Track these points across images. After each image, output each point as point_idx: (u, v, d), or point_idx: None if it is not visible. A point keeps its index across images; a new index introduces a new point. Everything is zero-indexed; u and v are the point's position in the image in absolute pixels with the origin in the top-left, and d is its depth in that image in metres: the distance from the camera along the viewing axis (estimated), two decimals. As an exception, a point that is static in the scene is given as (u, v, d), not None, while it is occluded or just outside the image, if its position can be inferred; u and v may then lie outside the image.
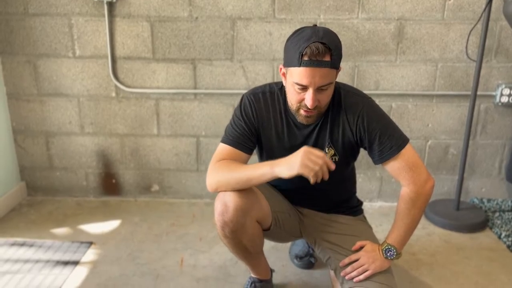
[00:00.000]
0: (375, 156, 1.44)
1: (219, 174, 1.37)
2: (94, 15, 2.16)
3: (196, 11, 2.14)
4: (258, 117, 1.48)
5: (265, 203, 1.49)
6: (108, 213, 2.30)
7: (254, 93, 1.50)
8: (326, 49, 1.25)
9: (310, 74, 1.27)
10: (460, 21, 2.14)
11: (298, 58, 1.26)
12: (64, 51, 2.22)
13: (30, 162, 2.41)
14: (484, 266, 1.89)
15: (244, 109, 1.48)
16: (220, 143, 1.47)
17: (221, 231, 1.43)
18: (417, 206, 1.43)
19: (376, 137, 1.41)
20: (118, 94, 2.28)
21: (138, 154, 2.39)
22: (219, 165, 1.40)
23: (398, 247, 1.47)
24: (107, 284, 1.73)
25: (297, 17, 2.14)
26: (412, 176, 1.41)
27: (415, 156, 1.43)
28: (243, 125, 1.47)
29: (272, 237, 1.62)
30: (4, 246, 1.98)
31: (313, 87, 1.29)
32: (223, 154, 1.44)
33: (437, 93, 2.25)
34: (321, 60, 1.26)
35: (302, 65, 1.26)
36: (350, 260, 1.47)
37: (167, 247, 2.00)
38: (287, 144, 1.50)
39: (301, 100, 1.34)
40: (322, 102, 1.35)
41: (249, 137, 1.47)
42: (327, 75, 1.28)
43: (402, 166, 1.42)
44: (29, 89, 2.28)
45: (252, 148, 1.49)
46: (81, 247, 1.99)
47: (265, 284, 1.66)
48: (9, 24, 2.18)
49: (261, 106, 1.48)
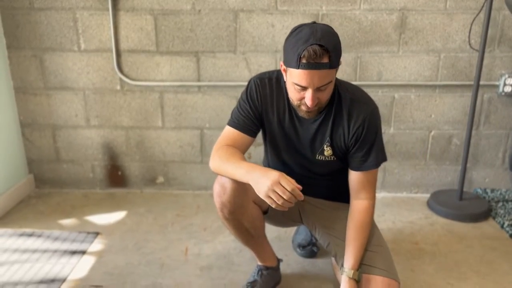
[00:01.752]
0: (354, 163, 1.49)
1: (217, 162, 1.41)
2: (98, 9, 2.18)
3: (199, 3, 2.16)
4: (262, 102, 1.50)
5: None
6: (114, 205, 2.34)
7: (261, 78, 1.52)
8: (324, 51, 1.25)
9: (308, 76, 1.28)
10: (462, 11, 2.14)
11: (297, 61, 1.27)
12: (70, 45, 2.25)
13: (37, 155, 2.46)
14: (486, 255, 1.90)
15: (250, 92, 1.50)
16: (226, 125, 1.51)
17: (220, 213, 1.48)
18: (371, 222, 1.52)
19: (365, 149, 1.46)
20: (122, 87, 2.31)
21: (143, 146, 2.42)
22: (220, 152, 1.43)
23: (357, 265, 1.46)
24: (113, 273, 1.77)
25: (299, 8, 2.15)
26: (373, 192, 1.53)
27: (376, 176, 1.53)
28: (248, 109, 1.49)
29: (272, 221, 1.66)
30: (13, 236, 2.03)
31: (312, 88, 1.31)
32: (228, 136, 1.49)
33: (440, 84, 2.25)
34: (319, 63, 1.26)
35: (300, 68, 1.27)
36: None
37: (172, 237, 2.04)
38: (287, 133, 1.52)
39: (301, 99, 1.35)
40: (322, 99, 1.36)
41: (253, 121, 1.50)
42: (325, 76, 1.30)
43: (370, 179, 1.51)
44: (36, 83, 2.32)
45: (256, 131, 1.52)
46: (88, 237, 2.02)
47: (272, 272, 1.68)
48: (15, 19, 2.22)
49: (266, 91, 1.50)
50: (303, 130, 1.51)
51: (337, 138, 1.48)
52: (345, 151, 1.51)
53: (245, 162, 1.35)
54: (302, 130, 1.51)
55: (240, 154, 1.43)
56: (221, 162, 1.40)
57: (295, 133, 1.52)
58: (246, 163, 1.35)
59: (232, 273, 1.77)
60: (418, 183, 2.44)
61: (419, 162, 2.40)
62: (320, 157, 1.53)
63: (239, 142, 1.47)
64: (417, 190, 2.45)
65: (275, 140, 1.56)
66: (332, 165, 1.55)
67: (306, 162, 1.57)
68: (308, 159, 1.55)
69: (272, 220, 1.66)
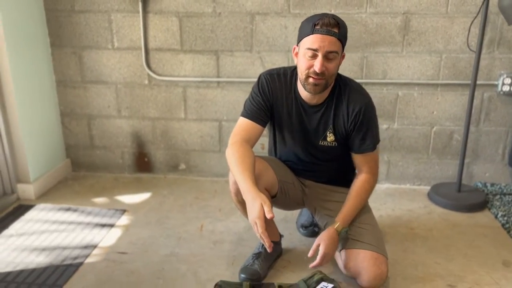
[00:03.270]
0: (355, 146, 1.71)
1: (229, 160, 1.59)
2: (130, 11, 2.45)
3: (219, 7, 2.39)
4: (272, 95, 1.71)
5: (272, 173, 1.73)
6: (140, 187, 2.61)
7: (270, 73, 1.73)
8: (335, 22, 1.50)
9: (320, 39, 1.50)
10: (463, 15, 2.29)
11: (312, 27, 1.51)
12: (105, 44, 2.53)
13: (74, 141, 2.75)
14: (476, 240, 2.05)
15: (261, 86, 1.71)
16: (240, 116, 1.72)
17: (234, 197, 1.69)
18: (370, 191, 1.75)
19: (361, 132, 1.67)
20: (150, 81, 2.57)
21: (168, 136, 2.68)
22: (233, 149, 1.59)
23: (347, 224, 1.69)
24: (137, 243, 2.02)
25: (310, 11, 2.35)
26: (373, 168, 1.75)
27: (378, 155, 1.80)
28: (260, 100, 1.70)
29: (278, 204, 1.86)
30: (52, 210, 2.32)
31: (322, 52, 1.50)
32: (242, 126, 1.70)
33: (441, 82, 2.41)
34: (331, 30, 1.50)
35: (314, 32, 1.50)
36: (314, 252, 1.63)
37: (190, 215, 2.28)
38: (295, 122, 1.73)
39: (310, 67, 1.54)
40: (328, 71, 1.54)
41: (264, 111, 1.70)
42: (334, 43, 1.51)
43: (370, 160, 1.73)
44: (75, 77, 2.61)
45: (266, 121, 1.73)
46: (116, 213, 2.29)
47: (275, 246, 1.88)
48: (58, 20, 2.51)
49: (275, 85, 1.71)
50: (308, 119, 1.71)
51: (339, 125, 1.68)
52: (345, 136, 1.70)
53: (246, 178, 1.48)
54: (307, 119, 1.71)
55: (248, 158, 1.56)
56: (231, 161, 1.57)
57: (301, 121, 1.72)
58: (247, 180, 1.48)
59: (241, 247, 1.99)
60: (421, 176, 2.59)
61: (422, 156, 2.55)
62: (323, 143, 1.73)
63: (251, 131, 1.68)
64: (419, 182, 2.61)
65: (282, 130, 1.78)
66: (334, 151, 1.75)
67: (311, 148, 1.77)
68: (312, 145, 1.76)
69: (279, 203, 1.86)
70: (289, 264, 1.88)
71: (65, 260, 1.88)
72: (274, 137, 1.86)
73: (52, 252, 1.95)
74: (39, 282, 1.74)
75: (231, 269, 1.83)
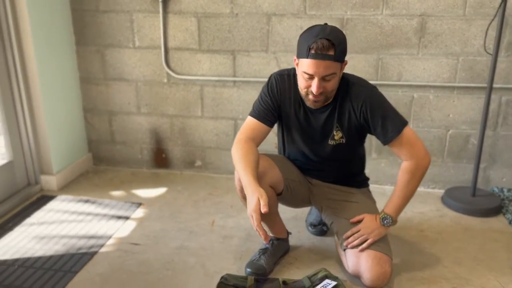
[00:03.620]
0: (380, 138, 1.68)
1: (234, 156, 1.64)
2: (151, 11, 2.53)
3: (236, 8, 2.45)
4: (281, 96, 1.74)
5: (277, 171, 1.77)
6: (157, 182, 2.69)
7: (280, 74, 1.76)
8: (331, 44, 1.50)
9: (315, 65, 1.52)
10: (481, 17, 2.26)
11: (307, 51, 1.52)
12: (126, 42, 2.62)
13: (96, 137, 2.86)
14: (487, 245, 2.03)
15: (270, 87, 1.75)
16: (248, 115, 1.76)
17: (239, 193, 1.74)
18: (416, 177, 1.66)
19: (379, 122, 1.64)
20: (169, 80, 2.65)
21: (185, 133, 2.75)
22: (238, 146, 1.65)
23: (393, 215, 1.69)
24: (150, 235, 2.10)
25: (326, 13, 2.38)
26: (411, 152, 1.65)
27: (413, 135, 1.67)
28: (268, 101, 1.74)
29: (285, 201, 1.89)
30: (72, 201, 2.42)
31: (318, 76, 1.54)
32: (249, 125, 1.74)
33: (458, 85, 2.39)
34: (325, 54, 1.50)
35: (309, 57, 1.51)
36: (352, 233, 1.71)
37: (202, 211, 2.34)
38: (302, 124, 1.76)
39: (309, 87, 1.59)
40: (327, 89, 1.58)
41: (272, 112, 1.74)
42: (330, 67, 1.52)
43: (403, 145, 1.65)
44: (98, 74, 2.71)
45: (273, 121, 1.76)
46: (132, 206, 2.37)
47: (282, 242, 1.92)
48: (83, 20, 2.62)
49: (285, 86, 1.74)
50: (315, 120, 1.74)
51: (345, 121, 1.69)
52: (357, 131, 1.70)
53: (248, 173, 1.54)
54: (314, 120, 1.74)
55: (252, 155, 1.61)
56: (235, 157, 1.63)
57: (308, 122, 1.75)
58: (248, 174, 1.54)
59: (249, 243, 2.03)
60: (436, 179, 2.57)
61: (437, 159, 2.54)
62: (331, 142, 1.75)
63: (257, 131, 1.72)
64: (434, 185, 2.59)
65: (291, 130, 1.81)
66: (342, 148, 1.76)
67: (319, 148, 1.79)
68: (320, 145, 1.78)
69: (285, 201, 1.89)
70: (295, 261, 1.91)
71: (81, 249, 1.97)
72: (282, 137, 1.89)
73: (69, 241, 2.04)
74: (56, 268, 1.84)
75: (238, 263, 1.88)
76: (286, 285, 1.68)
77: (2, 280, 1.75)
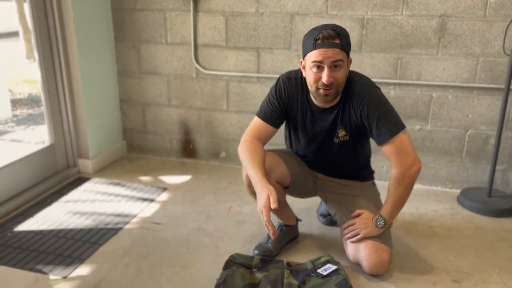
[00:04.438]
0: (375, 138, 1.72)
1: (241, 155, 1.75)
2: (182, 10, 2.71)
3: (262, 7, 2.58)
4: (288, 98, 1.81)
5: (283, 167, 1.86)
6: (183, 170, 2.86)
7: (288, 77, 1.82)
8: (336, 34, 1.58)
9: (324, 52, 1.57)
10: (502, 18, 2.27)
11: (313, 43, 1.59)
12: (159, 39, 2.81)
13: (130, 126, 3.08)
14: (495, 243, 2.05)
15: (278, 89, 1.82)
16: (255, 116, 1.85)
17: (248, 189, 1.85)
18: (401, 185, 1.69)
19: (374, 123, 1.68)
20: (197, 75, 2.82)
21: (211, 125, 2.91)
22: (244, 146, 1.76)
23: (387, 218, 1.75)
24: (171, 216, 2.27)
25: (347, 13, 2.46)
26: (398, 160, 1.67)
27: (405, 143, 1.66)
28: (275, 103, 1.81)
29: (292, 193, 2.00)
30: (105, 184, 2.64)
31: (327, 64, 1.59)
32: (255, 126, 1.83)
33: (477, 86, 2.40)
34: (332, 42, 1.57)
35: (317, 47, 1.58)
36: (348, 225, 1.80)
37: (222, 198, 2.48)
38: (308, 125, 1.84)
39: (319, 79, 1.63)
40: (337, 80, 1.62)
41: (278, 114, 1.81)
42: (338, 53, 1.59)
43: (392, 150, 1.67)
44: (133, 68, 2.93)
45: (279, 123, 1.84)
46: (158, 190, 2.55)
47: (290, 229, 2.03)
48: (122, 17, 2.84)
49: (292, 88, 1.81)
50: (320, 121, 1.81)
51: (347, 119, 1.75)
52: (359, 128, 1.75)
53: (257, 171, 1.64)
54: (320, 121, 1.81)
55: (258, 153, 1.71)
56: (243, 157, 1.73)
57: (314, 123, 1.83)
58: (257, 172, 1.63)
59: (260, 228, 2.15)
60: (453, 179, 2.59)
61: (455, 159, 2.55)
62: (336, 140, 1.82)
63: (263, 132, 1.81)
64: (451, 185, 2.61)
65: (297, 129, 1.89)
66: (346, 145, 1.83)
67: (324, 147, 1.87)
68: (326, 143, 1.85)
69: (293, 193, 2.00)
70: (303, 247, 2.02)
71: (108, 224, 2.17)
72: (290, 136, 1.97)
73: (98, 217, 2.24)
74: (84, 239, 2.04)
75: (248, 245, 2.01)
76: (290, 266, 1.79)
77: (38, 246, 1.97)
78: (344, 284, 1.65)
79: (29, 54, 5.75)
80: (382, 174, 2.65)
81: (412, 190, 1.71)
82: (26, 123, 4.06)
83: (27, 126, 3.96)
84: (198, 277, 1.78)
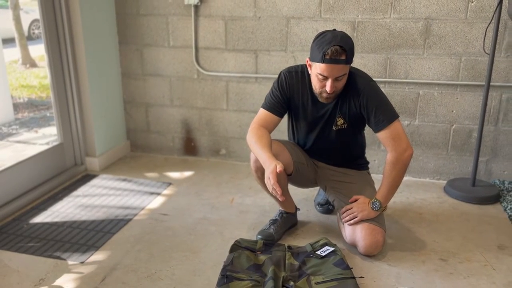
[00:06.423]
0: (372, 126, 1.91)
1: (249, 140, 1.91)
2: (184, 15, 2.87)
3: (259, 12, 2.75)
4: (290, 90, 2.00)
5: (288, 154, 2.03)
6: (186, 167, 3.01)
7: (289, 71, 2.01)
8: (343, 50, 1.74)
9: (330, 69, 1.76)
10: (482, 20, 2.46)
11: (322, 57, 1.76)
12: (162, 42, 2.96)
13: (134, 126, 3.22)
14: (479, 226, 2.22)
15: (280, 82, 2.00)
16: (260, 108, 2.03)
17: (255, 174, 2.01)
18: (396, 169, 1.87)
19: (373, 112, 1.87)
20: (198, 76, 2.98)
21: (211, 124, 3.06)
22: (253, 132, 1.92)
23: (382, 201, 1.92)
24: (177, 208, 2.41)
25: (339, 17, 2.64)
26: (394, 145, 1.86)
27: (399, 130, 1.87)
28: (278, 95, 2.00)
29: (293, 182, 2.15)
30: (112, 179, 2.77)
31: (332, 78, 1.79)
32: (261, 116, 2.00)
33: (460, 83, 2.59)
34: (339, 59, 1.75)
35: (324, 62, 1.76)
36: (346, 209, 1.97)
37: (224, 190, 2.63)
38: (309, 114, 2.01)
39: (323, 87, 1.84)
40: (338, 87, 1.84)
41: (281, 105, 2.00)
42: (342, 69, 1.78)
43: (388, 136, 1.87)
44: (136, 70, 3.07)
45: (283, 113, 2.02)
46: (163, 185, 2.70)
47: (290, 216, 2.19)
48: (125, 22, 2.99)
49: (293, 82, 2.00)
50: (320, 110, 1.99)
51: (346, 109, 1.93)
52: (356, 117, 1.93)
53: (265, 151, 1.80)
54: (320, 110, 1.99)
55: (265, 138, 1.88)
56: (251, 142, 1.90)
57: (315, 112, 2.00)
58: (265, 152, 1.80)
59: (262, 217, 2.31)
60: (440, 171, 2.77)
61: (441, 152, 2.73)
62: (334, 128, 2.00)
63: (269, 121, 1.98)
64: (438, 176, 2.78)
65: (299, 119, 2.07)
66: (344, 133, 2.00)
67: (324, 134, 2.04)
68: (325, 131, 2.03)
69: (294, 181, 2.15)
70: (302, 232, 2.17)
71: (118, 216, 2.31)
72: (292, 126, 2.14)
73: (108, 210, 2.38)
74: (97, 229, 2.18)
75: (251, 232, 2.16)
76: (291, 249, 1.94)
77: (54, 236, 2.11)
78: (341, 263, 1.81)
79: (25, 60, 5.85)
80: (374, 167, 2.82)
81: (404, 174, 1.90)
82: (29, 125, 4.18)
83: (30, 128, 4.08)
84: (206, 260, 1.93)
